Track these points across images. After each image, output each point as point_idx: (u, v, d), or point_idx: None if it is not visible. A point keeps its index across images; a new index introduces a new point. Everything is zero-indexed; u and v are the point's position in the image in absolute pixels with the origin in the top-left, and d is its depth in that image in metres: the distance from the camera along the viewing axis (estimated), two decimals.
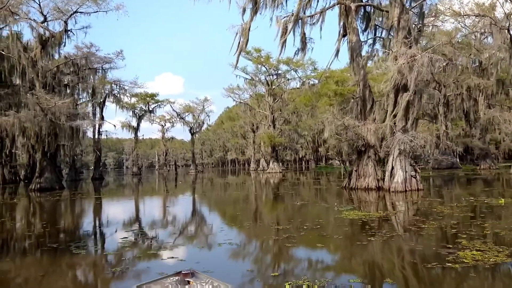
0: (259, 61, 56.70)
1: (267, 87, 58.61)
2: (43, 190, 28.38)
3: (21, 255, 8.22)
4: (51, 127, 27.57)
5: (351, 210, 12.96)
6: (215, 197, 22.02)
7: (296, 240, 8.67)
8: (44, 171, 29.22)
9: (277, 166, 58.63)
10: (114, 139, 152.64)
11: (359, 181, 22.73)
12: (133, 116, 65.59)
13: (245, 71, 58.14)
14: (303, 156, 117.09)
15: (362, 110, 23.46)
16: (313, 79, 58.38)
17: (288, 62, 56.83)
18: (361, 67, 23.72)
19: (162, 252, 7.80)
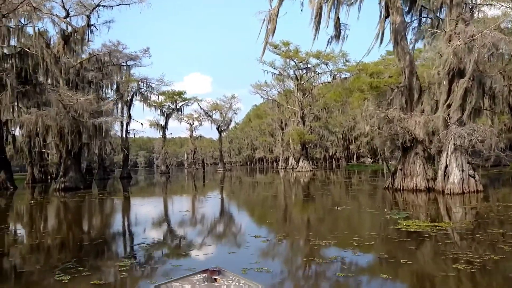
0: (287, 55, 54.18)
1: (296, 82, 56.03)
2: (68, 190, 27.38)
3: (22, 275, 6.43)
4: (74, 125, 26.44)
5: (407, 219, 10.49)
6: (243, 199, 19.97)
7: (349, 266, 6.38)
8: (68, 170, 28.24)
9: (307, 164, 55.99)
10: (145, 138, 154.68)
11: (405, 181, 19.96)
12: (161, 114, 64.86)
13: (273, 66, 55.85)
14: (333, 154, 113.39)
15: (408, 101, 20.64)
16: (345, 72, 55.25)
17: (318, 55, 53.98)
18: (407, 52, 20.89)
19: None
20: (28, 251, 8.46)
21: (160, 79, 50.69)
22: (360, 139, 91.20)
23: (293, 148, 71.10)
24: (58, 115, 25.11)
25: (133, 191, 28.65)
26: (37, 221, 14.16)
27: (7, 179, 30.84)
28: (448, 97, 19.02)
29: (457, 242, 7.96)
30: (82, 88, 27.51)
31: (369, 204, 15.24)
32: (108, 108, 27.22)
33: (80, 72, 28.76)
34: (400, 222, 10.02)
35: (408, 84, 20.79)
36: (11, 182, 31.28)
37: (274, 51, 54.34)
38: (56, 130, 26.29)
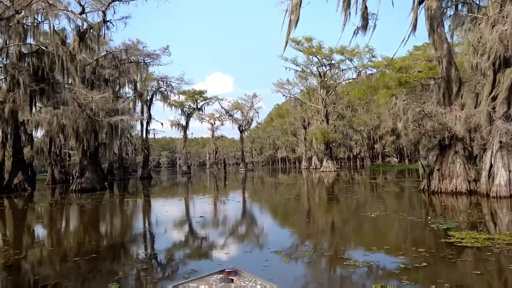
0: (310, 51, 52.34)
1: (319, 79, 54.06)
2: (84, 191, 26.70)
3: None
4: (90, 124, 25.71)
5: (458, 230, 8.71)
6: (265, 202, 18.48)
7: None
8: (84, 171, 27.57)
9: (331, 164, 53.91)
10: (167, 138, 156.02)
11: (443, 182, 17.93)
12: (182, 114, 64.32)
13: (295, 63, 54.11)
14: (358, 154, 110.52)
15: (446, 94, 18.56)
16: (371, 68, 52.83)
17: (343, 51, 51.85)
18: (444, 40, 18.83)
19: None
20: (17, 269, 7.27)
21: (180, 77, 50.00)
22: (385, 138, 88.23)
23: (316, 148, 69.06)
24: (73, 114, 24.38)
25: (150, 192, 27.68)
26: (38, 227, 13.16)
27: (24, 180, 30.53)
28: (492, 89, 16.93)
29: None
30: (98, 86, 26.76)
31: (406, 209, 13.41)
32: (124, 106, 26.33)
33: (96, 70, 28.06)
34: (452, 233, 8.27)
35: (446, 76, 18.72)
36: (29, 183, 30.97)
37: (296, 48, 52.67)
38: (71, 130, 25.59)
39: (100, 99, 24.82)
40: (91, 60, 27.75)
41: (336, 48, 51.71)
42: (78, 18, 27.21)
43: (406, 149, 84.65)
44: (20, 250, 8.55)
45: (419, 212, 12.52)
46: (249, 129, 73.82)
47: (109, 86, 28.61)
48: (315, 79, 56.23)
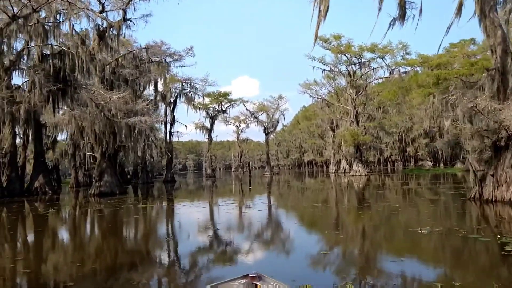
0: (338, 49, 49.97)
1: (348, 78, 51.54)
2: (103, 195, 25.78)
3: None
4: (108, 125, 24.74)
5: None
6: (291, 211, 16.56)
7: None
8: (103, 174, 26.66)
9: (361, 168, 51.19)
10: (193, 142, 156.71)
11: (498, 190, 15.46)
12: (206, 116, 63.41)
13: (323, 62, 51.85)
14: (388, 157, 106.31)
15: (501, 87, 16.08)
16: (404, 66, 49.79)
17: (374, 49, 49.18)
18: (497, 26, 16.37)
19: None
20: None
21: (204, 79, 48.93)
22: (418, 140, 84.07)
23: (345, 151, 66.33)
24: (91, 115, 23.46)
25: (170, 196, 26.39)
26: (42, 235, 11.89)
27: (45, 183, 30.06)
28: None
29: None
30: (117, 87, 25.83)
31: (463, 224, 11.16)
32: (143, 107, 25.21)
33: (116, 70, 27.17)
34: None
35: (501, 66, 16.23)
36: (50, 186, 30.48)
37: (324, 46, 50.48)
38: (90, 131, 24.72)
39: (118, 100, 23.79)
40: (110, 59, 26.87)
41: (367, 46, 49.19)
42: (98, 16, 26.42)
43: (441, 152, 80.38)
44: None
45: (479, 227, 10.28)
46: (274, 131, 71.96)
47: (129, 86, 27.64)
48: (344, 78, 53.76)
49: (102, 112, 23.46)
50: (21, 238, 11.48)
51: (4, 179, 27.59)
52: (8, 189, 27.22)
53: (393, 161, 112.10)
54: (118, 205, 19.37)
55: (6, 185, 27.30)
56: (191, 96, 49.70)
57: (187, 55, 45.89)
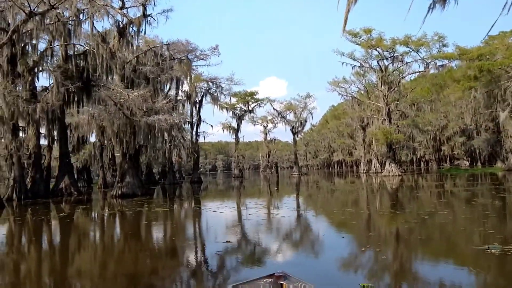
0: (369, 44, 46.97)
1: (380, 74, 48.40)
2: (124, 197, 24.67)
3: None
4: (128, 124, 23.57)
5: None
6: (322, 218, 14.47)
7: None
8: (125, 175, 25.56)
9: (394, 167, 47.94)
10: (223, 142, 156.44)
11: None
12: (233, 116, 62.00)
13: (352, 57, 48.97)
14: (422, 156, 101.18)
15: None
16: (441, 59, 46.09)
17: (407, 42, 45.87)
18: None
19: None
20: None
21: (229, 77, 47.45)
22: (453, 139, 79.00)
23: (376, 150, 63.00)
24: (110, 114, 22.34)
25: (192, 198, 24.89)
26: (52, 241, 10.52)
27: (71, 185, 29.42)
28: None
29: None
30: (138, 85, 24.65)
31: None
32: (164, 105, 23.86)
33: (136, 68, 26.03)
34: None
35: None
36: (75, 187, 29.83)
37: (354, 41, 47.65)
38: (110, 131, 23.64)
39: (137, 98, 22.54)
40: (131, 57, 25.77)
41: (399, 39, 45.97)
42: (118, 13, 25.39)
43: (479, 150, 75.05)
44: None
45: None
46: (302, 131, 69.57)
47: (150, 84, 26.44)
48: (375, 74, 50.64)
49: (121, 111, 22.29)
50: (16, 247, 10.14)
51: (29, 180, 27.13)
52: (33, 190, 26.72)
53: (427, 160, 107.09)
54: (133, 209, 18.00)
55: (31, 187, 26.81)
56: (217, 95, 48.35)
57: (213, 54, 44.61)
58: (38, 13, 21.04)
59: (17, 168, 24.96)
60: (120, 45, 25.43)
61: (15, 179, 24.87)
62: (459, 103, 63.82)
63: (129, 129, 23.55)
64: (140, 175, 27.02)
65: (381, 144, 50.68)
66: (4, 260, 8.50)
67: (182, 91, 44.62)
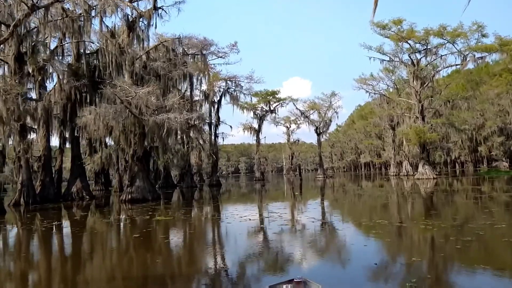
0: (399, 36, 43.92)
1: (412, 68, 45.14)
2: (134, 202, 23.20)
3: None
4: (137, 124, 22.08)
5: None
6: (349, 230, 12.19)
7: None
8: (135, 179, 24.10)
9: (428, 170, 44.53)
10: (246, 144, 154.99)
11: None
12: (254, 117, 60.17)
13: (381, 51, 46.01)
14: (457, 158, 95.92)
15: None
16: (480, 51, 42.40)
17: (442, 33, 42.54)
18: None
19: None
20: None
21: (249, 76, 45.60)
22: (491, 139, 74.07)
23: (407, 151, 59.38)
24: (114, 111, 20.88)
25: (206, 204, 23.10)
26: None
27: (83, 188, 28.37)
28: None
29: None
30: (148, 82, 23.16)
31: None
32: (173, 103, 22.20)
33: (146, 64, 24.58)
34: None
35: None
36: (88, 191, 28.77)
37: (382, 33, 44.77)
38: (118, 131, 22.22)
39: (145, 95, 20.99)
40: (141, 53, 24.32)
41: (433, 29, 42.68)
42: (127, 6, 24.04)
43: None
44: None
45: None
46: (327, 131, 66.75)
47: (161, 81, 24.92)
48: (406, 69, 47.40)
49: (127, 109, 20.79)
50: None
51: (38, 184, 26.18)
52: (42, 194, 25.73)
53: (462, 162, 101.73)
54: (135, 216, 16.35)
55: (40, 191, 25.84)
56: (237, 95, 46.62)
57: (231, 51, 42.94)
58: (41, 6, 19.89)
59: (25, 172, 24.01)
60: (129, 40, 24.06)
61: (23, 183, 23.92)
62: (496, 101, 59.42)
63: (138, 129, 22.06)
64: (151, 179, 25.54)
65: (413, 145, 47.33)
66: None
67: (200, 90, 43.18)
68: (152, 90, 21.64)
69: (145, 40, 24.56)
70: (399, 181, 42.71)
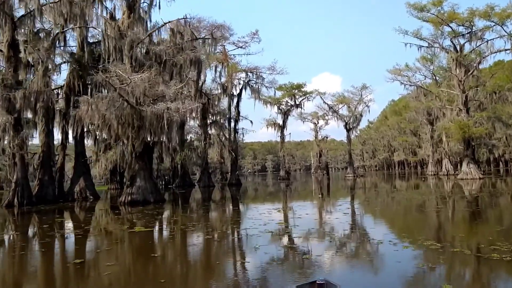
0: (440, 18, 39.07)
1: (454, 54, 40.10)
2: (134, 204, 20.53)
3: None
4: (135, 115, 19.33)
5: None
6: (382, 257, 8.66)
7: None
8: (135, 178, 21.39)
9: (474, 169, 39.42)
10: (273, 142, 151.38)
11: None
12: (278, 112, 56.68)
13: (418, 36, 41.22)
14: (501, 156, 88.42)
15: None
16: None
17: (488, 13, 37.38)
18: None
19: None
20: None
21: (271, 66, 42.24)
22: None
23: (447, 148, 53.90)
24: (105, 101, 18.20)
25: (214, 209, 20.07)
26: None
27: (86, 188, 26.12)
28: None
29: None
30: (149, 68, 20.35)
31: None
32: (176, 91, 19.26)
33: (149, 48, 21.79)
34: None
35: None
36: (92, 191, 26.50)
37: (420, 17, 40.10)
38: (116, 123, 19.56)
39: (142, 82, 18.18)
40: (142, 35, 21.57)
41: (479, 10, 37.57)
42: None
43: None
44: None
45: None
46: (357, 127, 62.14)
47: (166, 68, 22.09)
48: (447, 56, 42.34)
49: (122, 98, 18.04)
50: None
51: (36, 183, 24.12)
52: (40, 194, 23.60)
53: (506, 160, 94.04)
54: (117, 225, 13.51)
55: (38, 190, 23.75)
56: (258, 88, 43.38)
57: (252, 40, 39.92)
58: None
59: (20, 169, 21.89)
60: (130, 22, 21.37)
61: (17, 181, 21.81)
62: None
63: (136, 122, 19.29)
64: (154, 178, 22.71)
65: (456, 141, 42.26)
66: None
67: (219, 83, 40.26)
68: (152, 77, 18.78)
69: (148, 22, 21.84)
70: (439, 182, 38.01)
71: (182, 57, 21.07)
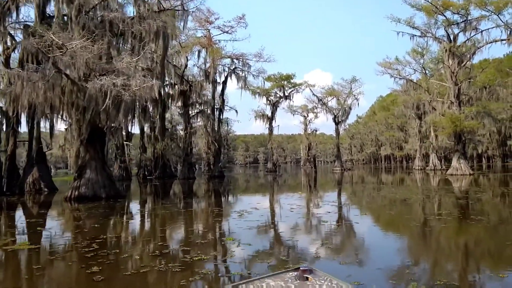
0: (434, 6, 34.93)
1: (447, 45, 36.04)
2: (81, 199, 16.34)
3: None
4: (79, 93, 15.03)
5: None
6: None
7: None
8: (84, 169, 17.12)
9: (464, 165, 35.68)
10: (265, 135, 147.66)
11: None
12: (267, 103, 52.49)
13: (411, 25, 37.02)
14: (484, 151, 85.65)
15: None
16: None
17: (485, 2, 33.33)
18: None
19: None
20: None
21: (258, 53, 37.89)
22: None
23: (435, 143, 50.19)
24: (45, 75, 13.88)
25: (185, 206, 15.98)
26: None
27: (40, 179, 21.80)
28: None
29: None
30: (101, 38, 16.01)
31: None
32: (128, 64, 14.99)
33: (103, 19, 17.35)
34: None
35: None
36: (47, 182, 22.20)
37: (414, 4, 36.00)
38: (58, 102, 15.26)
39: (84, 50, 13.85)
40: (96, 1, 17.17)
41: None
42: None
43: None
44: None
45: None
46: (346, 120, 58.14)
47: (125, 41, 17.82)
48: (440, 46, 38.24)
49: (56, 69, 13.73)
50: None
51: None
52: None
53: (489, 156, 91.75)
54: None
55: None
56: (245, 76, 39.10)
57: (238, 25, 35.54)
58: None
59: None
60: None
61: None
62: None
63: (81, 101, 15.01)
64: (108, 169, 18.42)
65: (447, 135, 38.45)
66: None
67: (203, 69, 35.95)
68: (101, 47, 14.45)
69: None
70: (425, 177, 34.35)
71: (143, 27, 16.68)
